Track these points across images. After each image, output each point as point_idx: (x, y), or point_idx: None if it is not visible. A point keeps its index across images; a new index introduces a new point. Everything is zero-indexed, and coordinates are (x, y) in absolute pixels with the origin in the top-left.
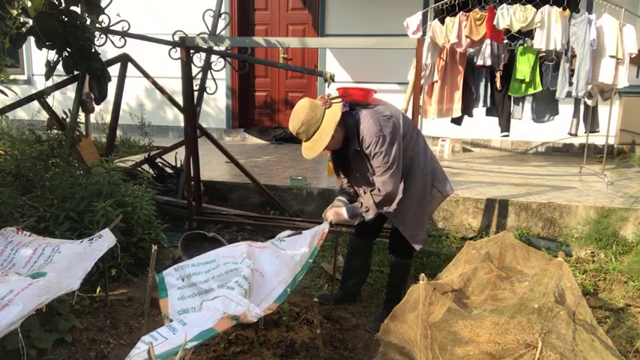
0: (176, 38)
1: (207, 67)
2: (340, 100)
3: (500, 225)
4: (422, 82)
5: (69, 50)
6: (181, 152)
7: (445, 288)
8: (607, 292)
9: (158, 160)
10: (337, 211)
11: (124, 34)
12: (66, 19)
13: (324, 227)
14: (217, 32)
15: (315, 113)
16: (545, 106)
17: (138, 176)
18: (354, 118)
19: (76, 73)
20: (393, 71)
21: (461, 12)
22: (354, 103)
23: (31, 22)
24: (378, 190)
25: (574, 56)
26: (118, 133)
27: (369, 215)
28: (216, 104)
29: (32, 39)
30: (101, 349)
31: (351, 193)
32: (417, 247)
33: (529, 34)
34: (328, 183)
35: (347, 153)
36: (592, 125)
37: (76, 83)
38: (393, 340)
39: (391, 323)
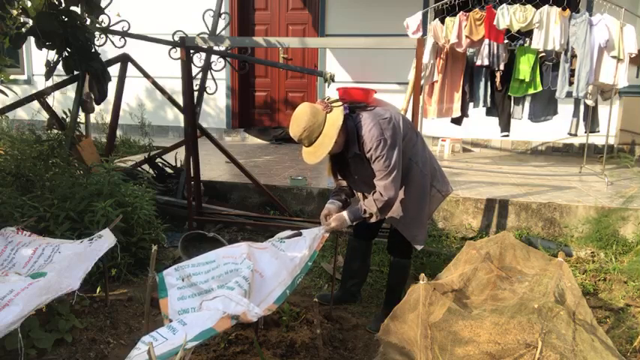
0: (176, 38)
1: (207, 67)
2: (340, 103)
3: (500, 225)
4: (422, 82)
5: (69, 50)
6: (181, 152)
7: (445, 288)
8: (607, 292)
9: (158, 160)
10: (341, 218)
11: (124, 34)
12: (66, 19)
13: (325, 232)
14: (217, 32)
15: (317, 119)
16: (543, 106)
17: (138, 176)
18: (354, 121)
19: (76, 73)
20: (393, 71)
21: (461, 12)
22: (354, 105)
23: (31, 22)
24: (380, 194)
25: (574, 56)
26: (118, 133)
27: (372, 220)
28: (216, 104)
29: (32, 39)
30: (101, 349)
31: (346, 194)
32: (418, 247)
33: (529, 34)
34: (328, 183)
35: (346, 156)
36: (592, 125)
37: (76, 83)
38: (393, 340)
39: (391, 323)
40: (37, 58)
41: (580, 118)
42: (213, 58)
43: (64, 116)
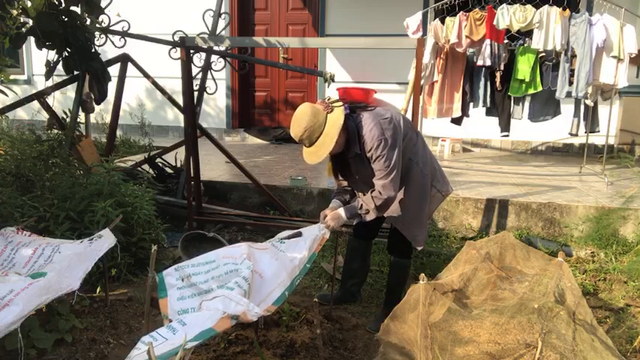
0: (176, 38)
1: (207, 67)
2: (341, 103)
3: (500, 225)
4: (422, 82)
5: (69, 50)
6: (181, 152)
7: (445, 288)
8: (607, 292)
9: (158, 160)
10: (336, 215)
11: (124, 34)
12: (66, 19)
13: (325, 233)
14: (217, 32)
15: (318, 119)
16: (542, 106)
17: (138, 176)
18: (355, 121)
19: (76, 73)
20: (393, 71)
21: (461, 12)
22: (354, 105)
23: (31, 22)
24: (379, 192)
25: (574, 56)
26: (118, 133)
27: (368, 217)
28: (216, 104)
29: (32, 39)
30: (101, 349)
31: (349, 194)
32: (419, 247)
33: (529, 34)
34: (328, 183)
35: (347, 156)
36: (592, 125)
37: (76, 83)
38: (393, 340)
39: (391, 323)
40: (37, 58)
41: (580, 118)
42: (213, 58)
43: (64, 116)
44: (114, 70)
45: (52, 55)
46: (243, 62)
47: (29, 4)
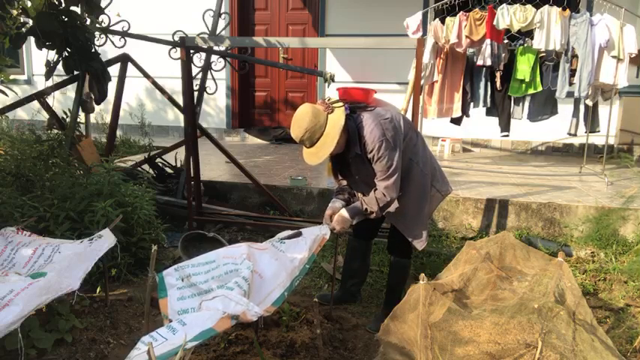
0: (176, 38)
1: (207, 67)
2: (341, 104)
3: (500, 225)
4: (422, 82)
5: (69, 50)
6: (181, 152)
7: (445, 288)
8: (607, 292)
9: (158, 160)
10: (341, 217)
11: (124, 34)
12: (66, 19)
13: (325, 233)
14: (217, 32)
15: (319, 119)
16: (540, 105)
17: (138, 176)
18: (355, 121)
19: (76, 73)
20: (393, 71)
21: (461, 12)
22: (354, 105)
23: (31, 22)
24: (383, 194)
25: (574, 56)
26: (118, 133)
27: (372, 216)
28: (216, 104)
29: (32, 39)
30: (101, 349)
31: (349, 193)
32: (420, 247)
33: (529, 34)
34: (328, 183)
35: (347, 156)
36: (592, 125)
37: (76, 83)
38: (393, 340)
39: (391, 323)
40: (37, 58)
41: (580, 118)
42: (213, 58)
43: (64, 116)
44: (114, 70)
45: (52, 55)
46: (243, 62)
47: (29, 4)
